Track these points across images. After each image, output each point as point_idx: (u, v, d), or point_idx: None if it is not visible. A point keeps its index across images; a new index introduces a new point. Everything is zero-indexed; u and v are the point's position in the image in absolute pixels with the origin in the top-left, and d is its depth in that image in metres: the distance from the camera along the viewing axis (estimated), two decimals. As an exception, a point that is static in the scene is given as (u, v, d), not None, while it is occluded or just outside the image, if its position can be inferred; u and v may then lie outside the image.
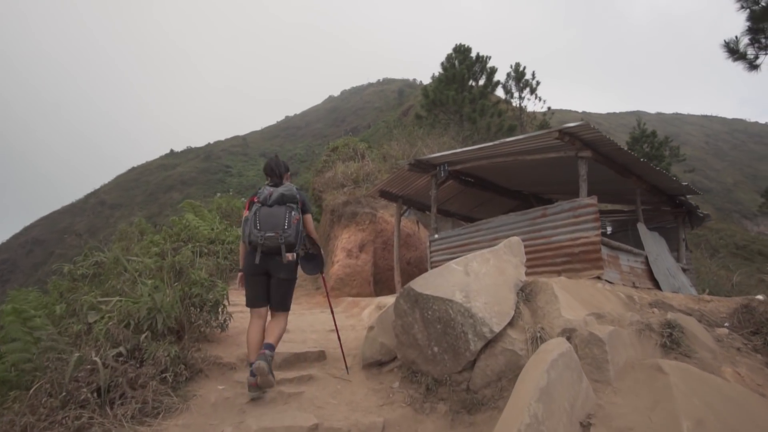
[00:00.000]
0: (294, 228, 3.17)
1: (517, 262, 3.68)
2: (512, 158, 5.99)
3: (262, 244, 3.11)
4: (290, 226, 3.15)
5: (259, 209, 3.22)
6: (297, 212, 3.25)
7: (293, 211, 3.22)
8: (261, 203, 3.24)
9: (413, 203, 8.89)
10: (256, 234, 3.13)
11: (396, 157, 13.78)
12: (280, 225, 3.14)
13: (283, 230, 3.13)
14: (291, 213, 3.20)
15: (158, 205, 68.86)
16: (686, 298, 4.53)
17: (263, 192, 3.31)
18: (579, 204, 5.09)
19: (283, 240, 3.12)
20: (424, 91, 21.66)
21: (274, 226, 3.13)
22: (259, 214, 3.18)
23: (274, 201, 3.22)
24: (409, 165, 7.27)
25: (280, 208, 3.20)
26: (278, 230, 3.12)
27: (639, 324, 2.98)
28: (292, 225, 3.16)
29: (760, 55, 8.80)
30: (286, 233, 3.13)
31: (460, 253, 6.58)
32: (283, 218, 3.16)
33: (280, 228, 3.13)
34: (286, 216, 3.17)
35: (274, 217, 3.16)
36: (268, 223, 3.14)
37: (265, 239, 3.11)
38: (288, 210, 3.20)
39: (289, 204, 3.23)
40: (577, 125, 4.85)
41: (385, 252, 9.31)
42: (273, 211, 3.18)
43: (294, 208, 3.24)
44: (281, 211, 3.18)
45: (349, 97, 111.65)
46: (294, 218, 3.19)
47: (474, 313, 2.94)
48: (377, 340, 3.75)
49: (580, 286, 3.78)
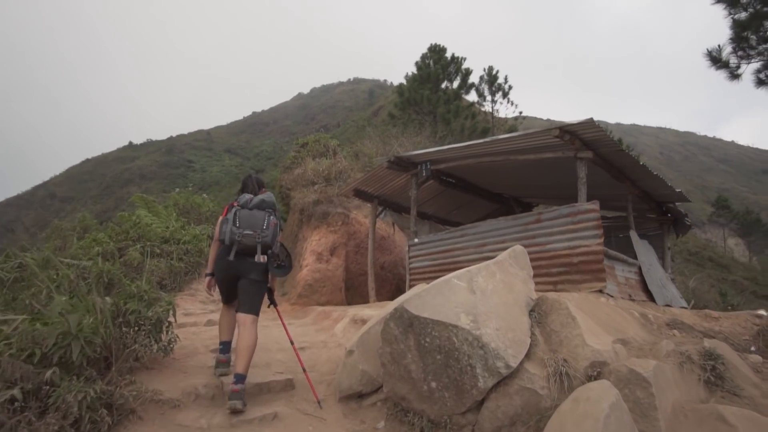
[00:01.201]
0: (271, 230, 3.29)
1: (524, 276, 3.14)
2: (503, 158, 5.50)
3: (239, 241, 3.18)
4: (268, 227, 3.28)
5: (239, 211, 3.32)
6: (275, 218, 3.39)
7: (272, 215, 3.37)
8: (241, 207, 3.36)
9: (390, 204, 8.30)
10: (234, 231, 3.20)
11: (369, 155, 13.16)
12: (258, 225, 3.26)
13: (261, 230, 3.25)
14: (270, 217, 3.34)
15: (114, 200, 65.22)
16: (695, 316, 4.15)
17: (243, 197, 3.43)
18: (579, 209, 4.63)
19: (261, 240, 3.22)
20: (398, 90, 21.14)
21: (253, 225, 3.25)
22: (240, 215, 3.29)
23: (255, 205, 3.36)
24: (388, 162, 6.67)
25: (260, 212, 3.33)
26: (257, 230, 3.24)
27: (677, 355, 2.48)
28: (270, 227, 3.29)
29: (742, 65, 8.76)
30: (264, 233, 3.24)
31: (441, 259, 6.05)
32: (262, 220, 3.29)
33: (259, 228, 3.25)
34: (265, 218, 3.31)
35: (253, 218, 3.28)
36: (246, 222, 3.25)
37: (243, 236, 3.19)
38: (267, 214, 3.35)
39: (268, 209, 3.38)
40: (580, 123, 4.39)
41: (358, 256, 8.66)
42: (253, 214, 3.31)
43: (272, 213, 3.39)
44: (261, 214, 3.32)
45: (319, 95, 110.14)
46: (272, 222, 3.33)
47: (485, 343, 2.35)
48: (358, 368, 3.12)
49: (594, 304, 3.28)
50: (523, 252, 3.42)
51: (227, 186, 61.62)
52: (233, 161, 77.31)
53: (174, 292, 7.47)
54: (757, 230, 43.53)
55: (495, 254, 5.45)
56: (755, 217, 43.17)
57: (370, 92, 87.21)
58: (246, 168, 71.41)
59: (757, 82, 8.86)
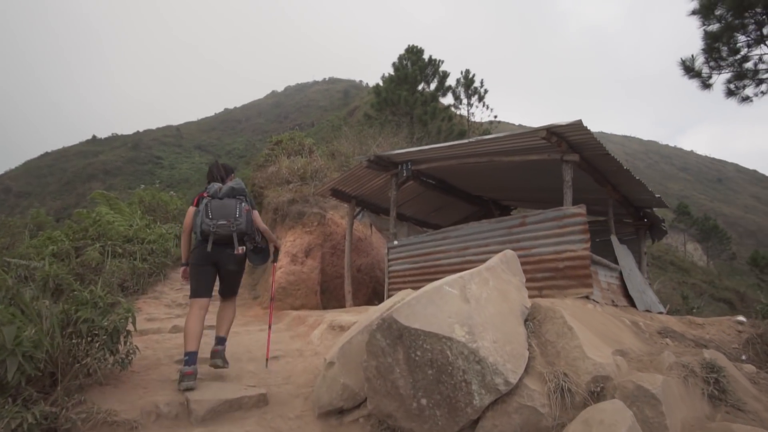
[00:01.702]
0: (245, 217, 3.29)
1: (518, 282, 2.97)
2: (487, 159, 5.35)
3: (214, 232, 3.18)
4: (241, 215, 3.27)
5: (209, 201, 3.29)
6: (247, 204, 3.39)
7: (243, 202, 3.36)
8: (211, 197, 3.32)
9: (368, 205, 8.06)
10: (208, 223, 3.19)
11: (346, 154, 12.91)
12: (231, 214, 3.25)
13: (234, 218, 3.24)
14: (241, 204, 3.34)
15: (75, 196, 62.31)
16: (680, 323, 4.10)
17: (212, 187, 3.39)
18: (565, 213, 4.52)
19: (235, 228, 3.23)
20: (375, 90, 20.93)
21: (226, 215, 3.23)
22: (211, 205, 3.26)
23: (225, 194, 3.33)
24: (367, 161, 6.44)
25: (230, 200, 3.31)
26: (230, 218, 3.23)
27: (680, 368, 2.36)
28: (243, 214, 3.29)
29: (714, 75, 9.00)
30: (237, 221, 3.24)
31: (422, 262, 5.86)
32: (234, 208, 3.27)
33: (232, 216, 3.24)
34: (237, 206, 3.29)
35: (225, 208, 3.26)
36: (219, 212, 3.24)
37: (217, 227, 3.19)
38: (238, 201, 3.34)
39: (239, 196, 3.38)
40: (567, 124, 4.28)
41: (334, 257, 8.38)
42: (224, 203, 3.29)
43: (244, 200, 3.39)
44: (232, 202, 3.30)
45: (294, 94, 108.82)
46: (244, 208, 3.33)
47: (482, 357, 2.16)
48: (338, 381, 2.87)
49: (587, 312, 3.14)
50: (515, 257, 3.25)
51: (197, 183, 59.92)
52: (204, 158, 75.38)
53: (136, 296, 7.01)
54: (714, 236, 45.69)
55: (478, 258, 5.33)
56: (713, 224, 45.31)
57: (346, 92, 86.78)
58: (217, 166, 69.65)
59: (727, 92, 9.13)
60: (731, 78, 8.94)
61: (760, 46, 8.38)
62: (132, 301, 6.80)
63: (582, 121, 4.20)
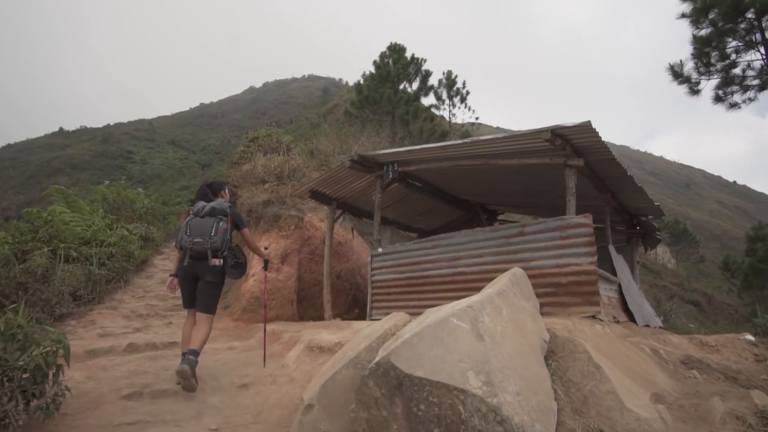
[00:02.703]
0: (220, 236, 3.53)
1: (532, 309, 2.53)
2: (482, 162, 4.93)
3: (190, 248, 3.48)
4: (216, 234, 3.52)
5: (191, 219, 3.60)
6: (225, 223, 3.61)
7: (221, 222, 3.60)
8: (194, 215, 3.64)
9: (349, 207, 7.56)
10: (185, 239, 3.50)
11: (326, 153, 12.34)
12: (207, 233, 3.52)
13: (209, 237, 3.50)
14: (219, 223, 3.58)
15: (39, 191, 59.12)
16: (693, 344, 3.76)
17: (198, 205, 3.70)
18: (568, 223, 4.14)
19: (209, 245, 3.48)
20: (357, 88, 20.37)
21: (202, 233, 3.51)
22: (191, 224, 3.56)
23: (205, 213, 3.62)
24: (350, 161, 5.94)
25: (209, 219, 3.58)
26: (205, 237, 3.49)
27: (734, 421, 1.96)
28: (219, 233, 3.53)
29: (702, 81, 8.86)
30: (212, 239, 3.49)
31: (409, 272, 5.40)
32: (210, 227, 3.54)
33: (207, 235, 3.50)
34: (214, 226, 3.55)
35: (202, 227, 3.54)
36: (196, 230, 3.52)
37: (193, 244, 3.48)
38: (217, 221, 3.58)
39: (219, 216, 3.62)
40: (574, 126, 3.89)
41: (312, 263, 7.84)
42: (203, 222, 3.57)
43: (223, 220, 3.62)
44: (210, 221, 3.57)
45: (272, 90, 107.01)
46: (221, 228, 3.56)
47: (506, 417, 1.69)
48: (319, 428, 2.37)
49: (607, 341, 2.74)
50: (525, 277, 2.82)
51: (169, 180, 57.99)
52: (177, 154, 73.11)
53: (91, 305, 6.30)
54: (684, 239, 46.93)
55: (470, 270, 4.90)
56: (683, 227, 46.54)
57: (325, 90, 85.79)
58: (191, 162, 67.73)
59: (715, 98, 9.01)
60: (720, 84, 8.82)
61: (750, 51, 8.26)
62: (85, 312, 6.16)
63: (591, 123, 3.82)
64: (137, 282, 7.94)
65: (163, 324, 6.10)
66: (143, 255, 8.91)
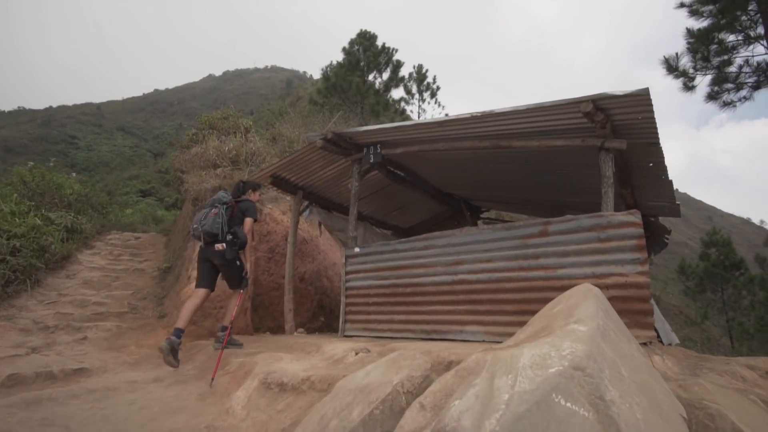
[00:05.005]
0: (210, 220, 4.04)
1: (639, 355, 1.55)
2: (490, 143, 3.95)
3: (195, 235, 4.12)
4: (206, 219, 4.05)
5: (200, 209, 4.36)
6: (219, 209, 4.13)
7: (214, 209, 4.15)
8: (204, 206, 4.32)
9: (317, 198, 6.42)
10: (193, 226, 4.14)
11: (290, 139, 11.07)
12: (201, 218, 4.09)
13: (200, 222, 4.06)
14: (211, 209, 4.15)
15: (-35, 175, 53.64)
16: (755, 374, 2.93)
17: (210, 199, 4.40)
18: (609, 221, 3.22)
19: (201, 229, 4.02)
20: (324, 75, 19.09)
21: (200, 220, 4.10)
22: (199, 213, 4.22)
23: (208, 203, 4.28)
24: (323, 141, 4.82)
25: (208, 208, 4.19)
26: (199, 222, 4.07)
27: None
28: (209, 218, 4.05)
29: (697, 76, 8.34)
30: (203, 223, 4.03)
31: (394, 279, 4.35)
32: (205, 214, 4.12)
33: (201, 220, 4.07)
34: (207, 212, 4.12)
35: (201, 214, 4.16)
36: (198, 217, 4.16)
37: (193, 230, 4.12)
38: (212, 209, 4.15)
39: (216, 204, 4.19)
40: (627, 94, 2.96)
41: (272, 264, 6.64)
42: (205, 211, 4.17)
43: (218, 207, 4.16)
44: (207, 210, 4.17)
45: (233, 79, 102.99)
46: (211, 213, 4.10)
47: None
48: None
49: (730, 397, 1.80)
50: (606, 301, 1.85)
51: (118, 168, 54.05)
52: (127, 141, 68.55)
53: (-23, 315, 4.84)
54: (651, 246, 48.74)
55: (476, 277, 3.87)
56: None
57: (288, 82, 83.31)
58: (142, 150, 63.64)
59: (708, 96, 8.53)
60: (713, 80, 8.34)
61: (750, 47, 7.80)
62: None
63: (648, 91, 2.91)
64: (52, 283, 6.45)
65: (75, 340, 4.73)
66: (65, 249, 7.38)
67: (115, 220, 12.22)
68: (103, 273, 7.18)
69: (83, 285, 6.61)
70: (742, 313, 19.60)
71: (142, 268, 7.85)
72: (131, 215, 15.27)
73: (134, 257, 8.46)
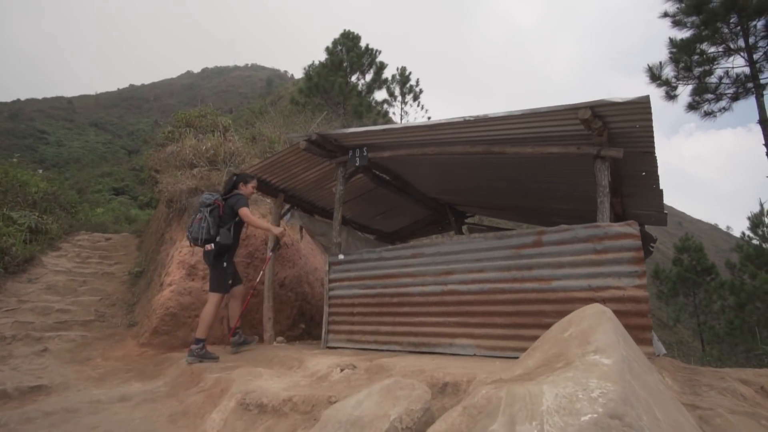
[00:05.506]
0: (196, 225, 4.09)
1: (663, 388, 1.41)
2: (482, 149, 3.81)
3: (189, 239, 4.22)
4: (193, 224, 4.13)
5: None
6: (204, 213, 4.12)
7: (198, 213, 4.16)
8: None
9: (299, 202, 6.19)
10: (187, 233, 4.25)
11: (270, 139, 10.77)
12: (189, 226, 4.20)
13: (189, 227, 4.19)
14: (196, 215, 4.17)
15: None
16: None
17: None
18: (606, 232, 3.11)
19: (190, 235, 4.12)
20: (306, 74, 18.81)
21: (188, 226, 4.22)
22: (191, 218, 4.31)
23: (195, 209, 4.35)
24: (307, 142, 4.60)
25: (195, 214, 4.21)
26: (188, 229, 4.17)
27: None
28: (194, 224, 4.12)
29: (679, 85, 8.46)
30: (190, 229, 4.14)
31: (380, 288, 4.17)
32: (192, 219, 4.20)
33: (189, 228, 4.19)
34: (193, 217, 4.20)
35: (191, 220, 4.24)
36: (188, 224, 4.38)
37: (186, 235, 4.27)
38: (198, 213, 4.17)
39: (201, 209, 4.18)
40: (626, 102, 2.86)
41: (250, 269, 6.34)
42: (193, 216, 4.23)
43: (202, 211, 4.15)
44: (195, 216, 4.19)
45: (212, 77, 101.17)
46: (196, 219, 4.14)
47: None
48: None
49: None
50: (619, 323, 1.71)
51: (90, 165, 52.21)
52: (100, 137, 66.44)
53: None
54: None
55: (467, 288, 3.69)
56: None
57: (269, 81, 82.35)
58: (116, 147, 61.80)
59: (689, 106, 8.66)
60: (696, 90, 8.47)
61: (729, 58, 7.93)
62: None
63: (649, 99, 2.81)
64: (12, 288, 6.04)
65: (34, 352, 4.38)
66: (28, 252, 6.95)
67: (84, 219, 11.65)
68: (69, 277, 6.76)
69: (46, 290, 6.21)
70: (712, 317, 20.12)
71: (112, 271, 7.45)
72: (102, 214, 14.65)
73: (104, 260, 8.04)
